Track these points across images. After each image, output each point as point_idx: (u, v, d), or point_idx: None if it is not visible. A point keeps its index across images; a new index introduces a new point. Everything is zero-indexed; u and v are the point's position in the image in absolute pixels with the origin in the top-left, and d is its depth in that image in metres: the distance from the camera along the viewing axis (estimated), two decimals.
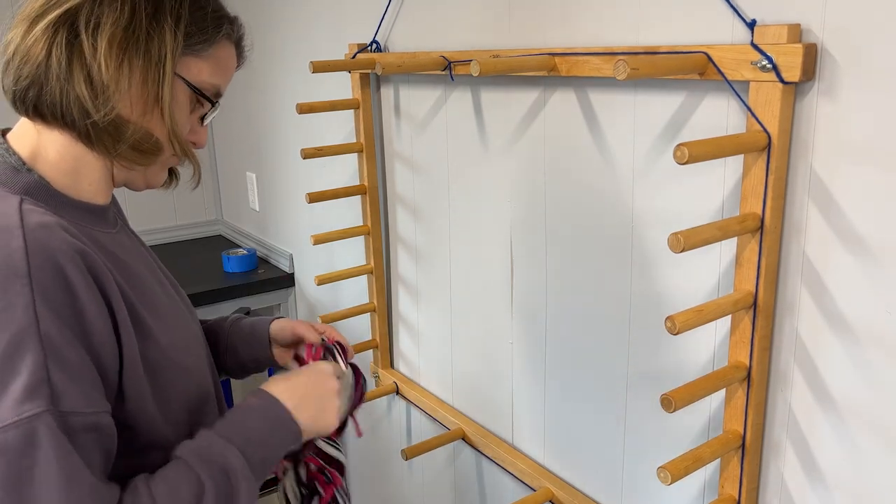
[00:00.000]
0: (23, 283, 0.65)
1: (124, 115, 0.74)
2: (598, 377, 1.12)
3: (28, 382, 0.64)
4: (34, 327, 0.64)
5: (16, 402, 0.63)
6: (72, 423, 0.66)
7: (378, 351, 1.66)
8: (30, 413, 0.63)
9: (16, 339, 0.64)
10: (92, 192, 0.79)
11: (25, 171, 0.74)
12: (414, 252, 1.51)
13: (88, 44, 0.71)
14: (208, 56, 0.79)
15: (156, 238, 2.55)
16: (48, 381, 0.65)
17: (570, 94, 1.06)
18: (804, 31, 0.76)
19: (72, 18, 0.71)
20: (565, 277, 1.14)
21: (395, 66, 1.19)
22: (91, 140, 0.74)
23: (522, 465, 1.28)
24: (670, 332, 0.77)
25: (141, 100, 0.74)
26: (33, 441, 0.63)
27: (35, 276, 0.65)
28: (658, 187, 0.96)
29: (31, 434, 0.63)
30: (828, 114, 0.76)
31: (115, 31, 0.71)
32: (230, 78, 0.85)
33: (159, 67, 0.74)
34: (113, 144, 0.75)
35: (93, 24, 0.71)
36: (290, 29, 1.84)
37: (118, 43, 0.72)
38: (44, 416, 0.64)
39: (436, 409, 1.49)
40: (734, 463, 0.89)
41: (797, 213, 0.81)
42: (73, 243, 0.69)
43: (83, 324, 0.68)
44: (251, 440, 0.77)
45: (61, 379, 0.66)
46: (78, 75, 0.71)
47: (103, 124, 0.73)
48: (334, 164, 1.74)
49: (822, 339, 0.81)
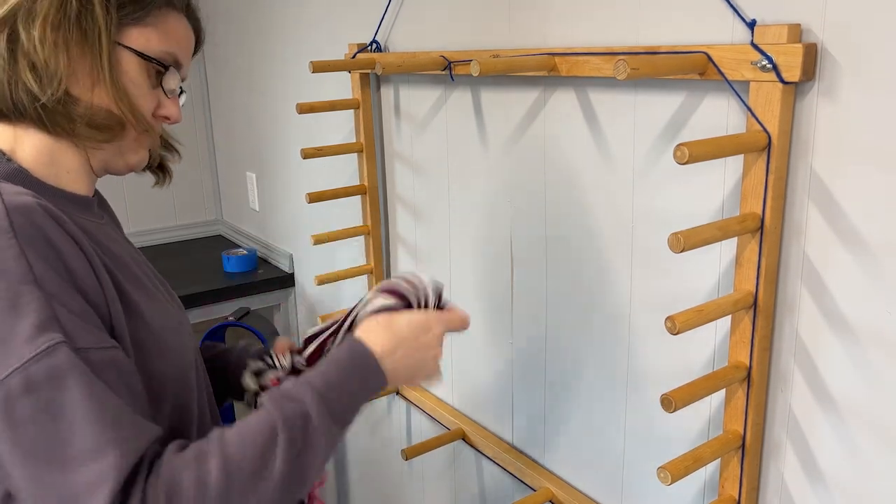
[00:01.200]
0: (8, 237, 0.65)
1: (74, 93, 0.75)
2: (598, 377, 1.12)
3: (37, 320, 0.64)
4: (30, 274, 0.65)
5: (29, 338, 0.63)
6: (91, 358, 0.66)
7: None
8: (47, 344, 0.63)
9: (14, 286, 0.64)
10: (72, 180, 0.79)
11: (5, 161, 0.76)
12: (414, 252, 1.51)
13: (26, 33, 0.73)
14: (152, 24, 0.78)
15: (156, 238, 2.55)
16: (56, 319, 0.64)
17: (570, 94, 1.06)
18: (804, 31, 0.76)
19: (11, 19, 0.73)
20: (565, 277, 1.14)
21: (395, 66, 1.19)
22: (45, 124, 0.75)
23: (522, 465, 1.28)
24: (670, 332, 0.77)
25: (86, 75, 0.75)
26: (57, 373, 0.63)
27: (19, 231, 0.66)
28: (658, 187, 0.96)
29: (53, 367, 0.63)
30: (828, 114, 0.76)
31: (47, 14, 0.73)
32: (188, 48, 0.84)
33: (94, 39, 0.74)
34: (68, 124, 0.75)
35: (29, 16, 0.73)
36: (290, 29, 1.84)
37: (51, 24, 0.73)
38: (62, 347, 0.64)
39: (436, 409, 1.49)
40: (734, 463, 0.89)
41: (797, 213, 0.81)
42: (51, 210, 0.70)
43: (73, 279, 0.68)
44: (333, 385, 0.76)
45: (68, 318, 0.65)
46: (22, 63, 0.73)
47: (52, 105, 0.74)
48: (334, 164, 1.74)
49: (822, 339, 0.81)
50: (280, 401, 0.73)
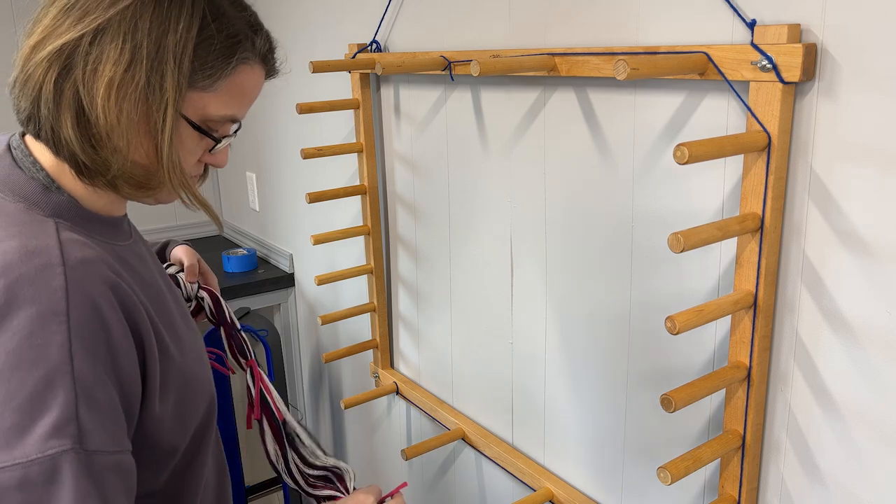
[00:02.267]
0: (60, 321, 0.64)
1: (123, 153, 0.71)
2: (598, 377, 1.12)
3: (57, 419, 0.63)
4: (68, 366, 0.64)
5: (42, 437, 0.62)
6: (96, 463, 0.65)
7: (378, 351, 1.66)
8: (54, 450, 0.62)
9: (49, 377, 0.63)
10: (109, 207, 0.78)
11: (55, 190, 0.73)
12: (414, 252, 1.51)
13: (85, 88, 0.67)
14: (219, 89, 0.73)
15: (156, 238, 2.55)
16: (76, 420, 0.64)
17: (570, 94, 1.06)
18: (804, 31, 0.76)
19: (67, 54, 0.67)
20: (565, 277, 1.14)
21: (395, 66, 1.19)
22: (85, 176, 0.72)
23: (522, 465, 1.28)
24: (670, 332, 0.77)
25: (140, 143, 0.71)
26: (55, 478, 0.62)
27: (72, 314, 0.65)
28: (658, 187, 0.96)
29: (53, 471, 0.62)
30: (828, 114, 0.76)
31: (114, 75, 0.67)
32: (252, 98, 0.78)
33: (160, 114, 0.69)
34: (105, 179, 0.72)
35: (91, 64, 0.67)
36: (290, 29, 1.84)
37: (116, 89, 0.67)
38: (68, 454, 0.63)
39: (436, 409, 1.49)
40: (734, 463, 0.89)
41: (797, 213, 0.81)
42: (109, 278, 0.69)
43: (114, 361, 0.68)
44: None
45: (90, 418, 0.65)
46: (65, 117, 0.68)
47: (94, 165, 0.71)
48: (334, 164, 1.74)
49: (822, 339, 0.81)
50: None
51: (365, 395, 1.58)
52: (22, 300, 0.63)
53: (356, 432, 1.94)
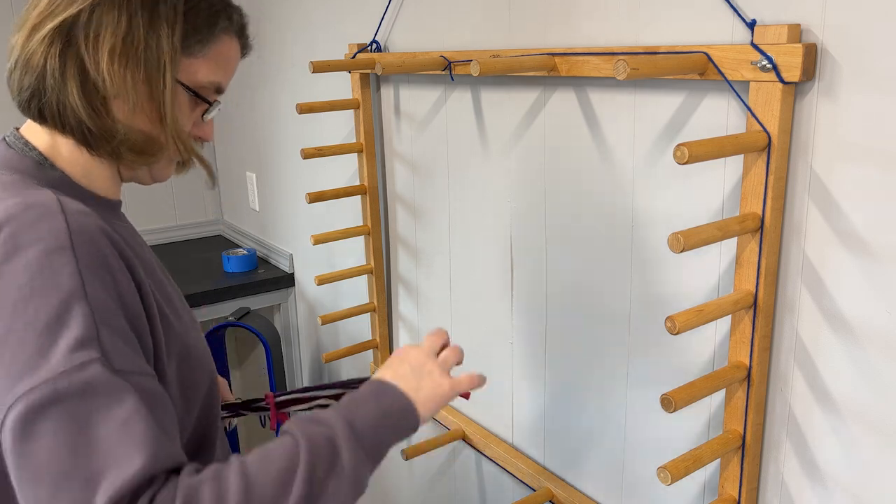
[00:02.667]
0: (67, 254, 0.66)
1: (123, 120, 0.75)
2: (599, 377, 1.12)
3: (79, 335, 0.63)
4: (81, 290, 0.65)
5: (67, 351, 0.62)
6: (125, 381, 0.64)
7: (378, 351, 1.66)
8: (82, 360, 0.62)
9: (65, 302, 0.64)
10: (105, 188, 0.81)
11: (49, 167, 0.77)
12: (414, 252, 1.51)
13: (90, 56, 0.72)
14: (205, 55, 0.79)
15: (156, 238, 2.55)
16: (98, 339, 0.64)
17: (570, 94, 1.06)
18: (804, 31, 0.76)
19: (67, 28, 0.72)
20: (565, 277, 1.14)
21: (395, 66, 1.19)
22: (91, 145, 0.76)
23: (522, 465, 1.28)
24: (670, 332, 0.77)
25: (143, 107, 0.75)
26: (88, 386, 0.62)
27: (77, 249, 0.67)
28: (658, 187, 0.96)
29: (85, 380, 0.62)
30: (828, 114, 0.76)
31: (115, 42, 0.72)
32: (233, 70, 0.84)
33: (160, 76, 0.75)
34: (110, 147, 0.76)
35: (92, 35, 0.72)
36: (290, 29, 1.84)
37: (119, 54, 0.72)
38: (96, 364, 0.63)
39: None
40: (734, 463, 0.89)
41: (797, 213, 0.81)
42: (105, 229, 0.71)
43: (122, 299, 0.69)
44: (360, 414, 0.72)
45: (110, 340, 0.65)
46: (71, 85, 0.73)
47: (100, 132, 0.74)
48: (334, 164, 1.74)
49: (822, 339, 0.81)
50: (305, 425, 0.69)
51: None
52: (28, 241, 0.66)
53: None
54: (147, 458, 0.61)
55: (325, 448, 0.67)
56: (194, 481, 0.62)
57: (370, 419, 0.72)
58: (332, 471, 0.67)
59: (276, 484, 0.64)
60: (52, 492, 0.59)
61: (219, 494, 0.62)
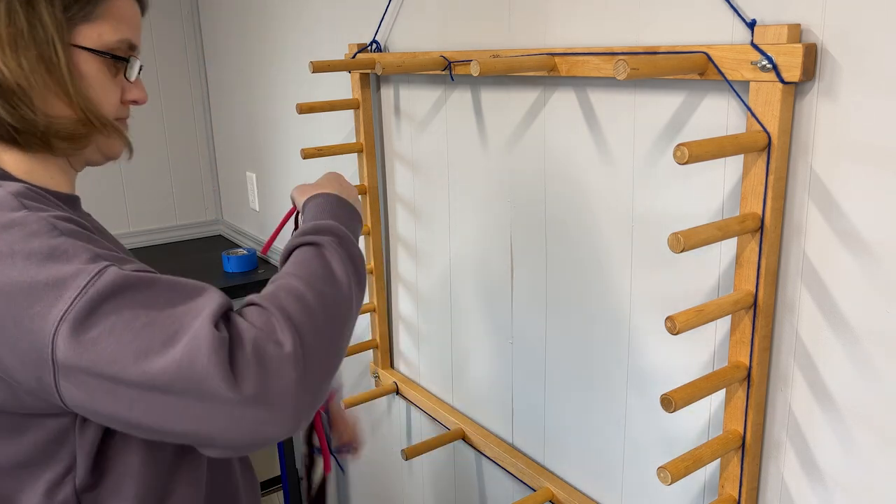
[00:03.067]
0: (23, 211, 0.65)
1: (40, 108, 0.74)
2: (599, 377, 1.12)
3: (83, 258, 0.63)
4: (55, 230, 0.64)
5: (80, 271, 0.62)
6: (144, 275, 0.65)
7: (378, 351, 1.66)
8: (99, 268, 0.62)
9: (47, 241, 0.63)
10: (56, 183, 0.80)
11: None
12: (414, 252, 1.51)
13: None
14: (101, 16, 0.77)
15: (156, 238, 2.55)
16: (98, 255, 0.64)
17: (570, 94, 1.06)
18: (804, 31, 0.76)
19: None
20: (565, 277, 1.14)
21: (395, 66, 1.19)
22: (19, 143, 0.75)
23: (522, 465, 1.28)
24: (670, 332, 0.77)
25: (47, 87, 0.74)
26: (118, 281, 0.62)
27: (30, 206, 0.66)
28: (658, 187, 0.96)
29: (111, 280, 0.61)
30: (828, 114, 0.76)
31: (0, 33, 0.72)
32: (138, 27, 0.83)
33: (50, 49, 0.73)
34: (40, 141, 0.75)
35: None
36: (290, 29, 1.84)
37: (7, 43, 0.72)
38: (112, 267, 0.63)
39: (436, 409, 1.49)
40: (734, 463, 0.89)
41: (797, 213, 0.81)
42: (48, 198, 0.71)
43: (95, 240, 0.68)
44: (332, 214, 0.83)
45: (109, 255, 0.65)
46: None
47: (22, 126, 0.73)
48: (334, 164, 1.74)
49: (822, 339, 0.81)
50: (304, 235, 0.78)
51: (365, 394, 1.58)
52: None
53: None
54: (218, 292, 0.66)
55: (333, 240, 0.78)
56: (265, 293, 0.69)
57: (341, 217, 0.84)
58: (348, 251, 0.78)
59: (324, 274, 0.73)
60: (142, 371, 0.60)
61: (295, 295, 0.68)
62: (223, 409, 0.60)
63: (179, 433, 0.62)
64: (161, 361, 0.59)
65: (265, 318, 0.65)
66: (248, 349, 0.61)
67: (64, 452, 0.70)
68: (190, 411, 0.60)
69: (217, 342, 0.60)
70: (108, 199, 2.47)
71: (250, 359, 0.61)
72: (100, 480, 0.72)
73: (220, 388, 0.59)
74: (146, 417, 0.61)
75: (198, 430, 0.61)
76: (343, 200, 0.88)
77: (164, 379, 0.59)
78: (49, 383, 0.61)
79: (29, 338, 0.61)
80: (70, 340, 0.60)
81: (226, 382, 0.59)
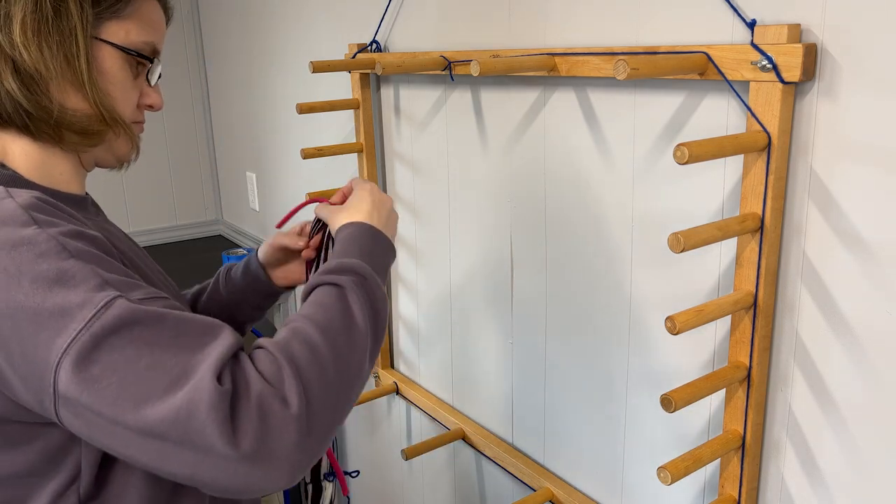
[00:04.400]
0: (33, 228, 0.64)
1: (57, 98, 0.74)
2: (598, 377, 1.12)
3: (89, 286, 0.62)
4: (65, 252, 0.64)
5: (86, 301, 0.61)
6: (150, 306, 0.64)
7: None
8: (105, 300, 0.61)
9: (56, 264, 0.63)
10: (65, 182, 0.79)
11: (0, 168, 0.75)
12: (414, 252, 1.51)
13: (6, 37, 0.72)
14: (130, 15, 0.77)
15: (156, 238, 2.55)
16: (107, 282, 0.63)
17: (570, 94, 1.06)
18: (804, 31, 0.76)
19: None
20: (565, 277, 1.14)
21: (395, 66, 1.19)
22: (31, 131, 0.75)
23: (522, 465, 1.28)
24: (670, 332, 0.77)
25: (65, 78, 0.74)
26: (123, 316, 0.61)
27: (40, 222, 0.65)
28: (658, 187, 0.96)
29: (117, 314, 0.61)
30: (828, 114, 0.76)
31: (25, 18, 0.72)
32: (162, 34, 0.83)
33: (71, 39, 0.73)
34: (53, 132, 0.75)
35: (6, 20, 0.72)
36: (289, 29, 1.84)
37: (30, 27, 0.72)
38: (120, 299, 0.62)
39: (436, 409, 1.49)
40: (734, 463, 0.89)
41: (797, 213, 0.81)
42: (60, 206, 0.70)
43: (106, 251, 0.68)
44: (363, 251, 0.82)
45: (116, 280, 0.64)
46: (3, 70, 0.72)
47: (37, 112, 0.73)
48: (334, 164, 1.74)
49: (822, 339, 0.81)
50: (328, 274, 0.76)
51: (365, 395, 1.58)
52: None
53: (356, 432, 1.94)
54: (228, 332, 0.65)
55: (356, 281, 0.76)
56: (276, 341, 0.67)
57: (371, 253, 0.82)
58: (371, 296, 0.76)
59: (342, 319, 0.72)
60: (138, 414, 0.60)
61: (305, 342, 0.67)
62: (218, 462, 0.60)
63: (174, 475, 0.62)
64: (161, 408, 0.59)
65: (275, 370, 0.64)
66: (253, 403, 0.61)
67: (69, 462, 0.70)
68: (185, 458, 0.60)
69: (217, 396, 0.59)
70: (109, 199, 2.47)
71: (253, 414, 0.60)
72: (104, 490, 0.72)
73: (217, 443, 0.59)
74: (141, 457, 0.61)
75: (192, 475, 0.61)
76: (376, 232, 0.86)
77: (162, 427, 0.59)
78: (49, 408, 0.61)
79: (32, 363, 0.61)
80: (72, 375, 0.59)
81: (223, 438, 0.59)
